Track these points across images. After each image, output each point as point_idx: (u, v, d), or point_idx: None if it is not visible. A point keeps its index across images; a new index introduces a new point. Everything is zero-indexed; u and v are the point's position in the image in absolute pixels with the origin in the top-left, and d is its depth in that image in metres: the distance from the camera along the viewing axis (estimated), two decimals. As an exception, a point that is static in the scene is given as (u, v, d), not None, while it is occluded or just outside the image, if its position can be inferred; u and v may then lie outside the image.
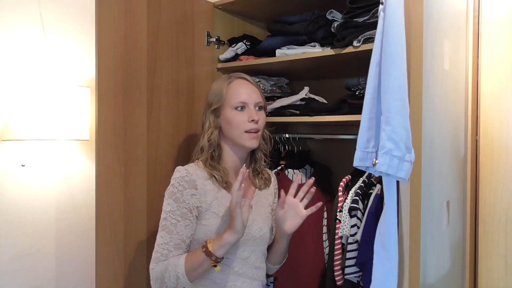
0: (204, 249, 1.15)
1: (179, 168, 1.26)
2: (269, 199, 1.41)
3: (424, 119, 1.17)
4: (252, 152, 1.39)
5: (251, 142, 1.29)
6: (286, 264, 1.46)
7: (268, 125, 2.16)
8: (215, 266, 1.16)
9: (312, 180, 1.29)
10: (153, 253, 1.21)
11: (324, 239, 1.71)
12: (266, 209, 1.38)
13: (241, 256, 1.27)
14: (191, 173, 1.24)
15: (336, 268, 1.39)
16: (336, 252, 1.40)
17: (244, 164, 1.27)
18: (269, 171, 1.48)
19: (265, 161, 1.42)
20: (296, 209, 1.27)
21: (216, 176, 1.26)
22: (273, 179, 1.48)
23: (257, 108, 1.32)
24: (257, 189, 1.37)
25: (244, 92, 1.30)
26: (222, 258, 1.17)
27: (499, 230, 1.49)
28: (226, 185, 1.28)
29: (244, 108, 1.29)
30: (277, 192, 1.48)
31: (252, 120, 1.28)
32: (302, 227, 1.31)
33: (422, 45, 1.15)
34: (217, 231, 1.22)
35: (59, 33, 1.75)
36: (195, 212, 1.23)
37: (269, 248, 1.39)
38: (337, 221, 1.40)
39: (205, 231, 1.23)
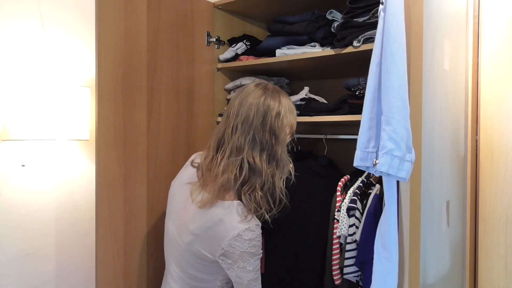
0: None
1: (252, 226, 1.14)
2: None
3: (424, 119, 1.17)
4: None
5: None
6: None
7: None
8: None
9: None
10: None
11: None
12: None
13: None
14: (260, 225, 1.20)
15: (334, 267, 1.39)
16: (334, 252, 1.40)
17: None
18: None
19: None
20: None
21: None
22: None
23: None
24: None
25: None
26: None
27: (499, 230, 1.49)
28: None
29: None
30: None
31: None
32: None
33: (422, 45, 1.15)
34: None
35: (60, 32, 1.74)
36: None
37: None
38: (335, 220, 1.40)
39: None
